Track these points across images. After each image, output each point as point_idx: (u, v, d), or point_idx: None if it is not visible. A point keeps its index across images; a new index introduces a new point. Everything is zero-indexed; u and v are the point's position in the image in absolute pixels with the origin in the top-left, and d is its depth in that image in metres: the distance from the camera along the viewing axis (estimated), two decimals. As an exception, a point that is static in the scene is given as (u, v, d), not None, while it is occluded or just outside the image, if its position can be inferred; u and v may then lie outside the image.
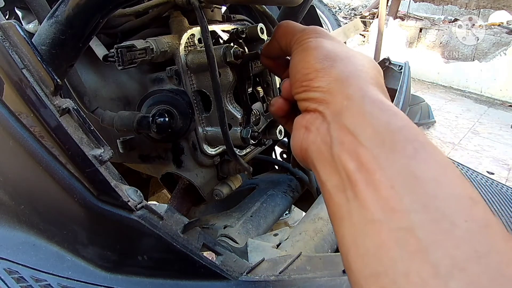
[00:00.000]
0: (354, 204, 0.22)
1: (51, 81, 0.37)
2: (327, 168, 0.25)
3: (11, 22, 0.36)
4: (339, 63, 0.28)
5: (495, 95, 4.10)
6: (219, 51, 0.49)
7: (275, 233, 0.64)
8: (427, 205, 0.20)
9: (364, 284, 0.21)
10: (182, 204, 0.67)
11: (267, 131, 0.62)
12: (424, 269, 0.18)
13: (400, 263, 0.19)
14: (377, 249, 0.20)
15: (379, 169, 0.22)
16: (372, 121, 0.24)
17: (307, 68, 0.29)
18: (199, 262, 0.40)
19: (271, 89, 0.61)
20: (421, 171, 0.21)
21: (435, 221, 0.19)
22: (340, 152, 0.24)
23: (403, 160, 0.22)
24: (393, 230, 0.20)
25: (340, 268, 0.49)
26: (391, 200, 0.21)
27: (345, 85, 0.26)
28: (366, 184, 0.22)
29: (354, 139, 0.24)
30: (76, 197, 0.39)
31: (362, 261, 0.21)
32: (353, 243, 0.22)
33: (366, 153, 0.23)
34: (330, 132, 0.25)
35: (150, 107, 0.54)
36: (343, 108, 0.25)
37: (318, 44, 0.30)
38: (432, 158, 0.22)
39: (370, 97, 0.25)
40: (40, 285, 0.38)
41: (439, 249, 0.19)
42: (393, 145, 0.22)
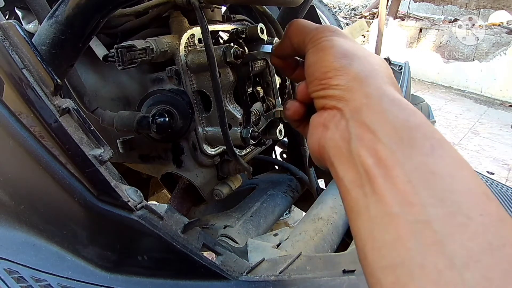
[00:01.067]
0: (372, 198, 0.23)
1: (51, 81, 0.37)
2: (344, 164, 0.26)
3: (11, 22, 0.36)
4: (357, 62, 0.28)
5: (495, 95, 4.11)
6: (219, 51, 0.49)
7: (275, 233, 0.64)
8: (443, 199, 0.21)
9: (381, 275, 0.21)
10: (182, 204, 0.67)
11: (267, 131, 0.62)
12: (440, 261, 0.19)
13: (417, 254, 0.20)
14: (394, 241, 0.21)
15: (397, 164, 0.23)
16: (391, 118, 0.24)
17: (325, 67, 0.29)
18: (199, 262, 0.40)
19: (271, 89, 0.61)
20: (438, 167, 0.22)
21: (451, 215, 0.20)
22: (359, 148, 0.24)
23: (421, 157, 0.22)
24: (410, 223, 0.21)
25: (340, 268, 0.49)
26: (409, 194, 0.21)
27: (364, 84, 0.27)
28: (384, 179, 0.23)
29: (373, 136, 0.24)
30: (76, 197, 0.39)
31: (379, 253, 0.22)
32: (370, 236, 0.23)
33: (385, 149, 0.23)
34: (348, 128, 0.26)
35: (150, 107, 0.54)
36: (363, 105, 0.26)
37: (334, 43, 0.30)
38: (448, 155, 0.23)
39: (388, 95, 0.26)
40: (40, 285, 0.38)
41: (455, 241, 0.19)
42: (411, 142, 0.23)
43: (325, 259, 0.51)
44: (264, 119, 0.61)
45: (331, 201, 0.72)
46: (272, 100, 0.62)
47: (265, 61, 0.58)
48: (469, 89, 4.33)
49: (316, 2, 1.60)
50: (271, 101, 0.62)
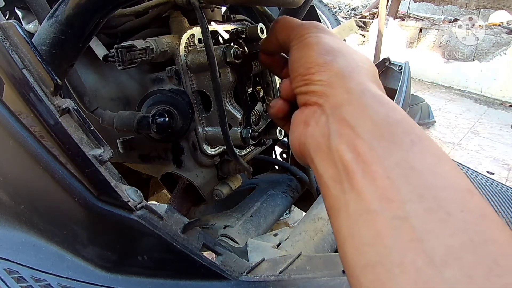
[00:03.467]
0: (351, 195, 0.22)
1: (51, 81, 0.37)
2: (324, 160, 0.25)
3: (11, 22, 0.36)
4: (341, 58, 0.28)
5: (495, 95, 4.10)
6: (219, 51, 0.49)
7: (275, 233, 0.64)
8: (422, 195, 0.20)
9: (360, 275, 0.21)
10: (182, 204, 0.67)
11: (267, 131, 0.62)
12: (419, 258, 0.19)
13: (395, 252, 0.19)
14: (372, 238, 0.21)
15: (376, 160, 0.22)
16: (371, 114, 0.24)
17: (309, 63, 0.29)
18: (199, 262, 0.40)
19: (271, 89, 0.61)
20: (418, 162, 0.21)
21: (430, 211, 0.20)
22: (338, 144, 0.24)
23: (400, 152, 0.22)
24: (389, 220, 0.20)
25: (340, 268, 0.49)
26: (387, 191, 0.21)
27: (346, 80, 0.27)
28: (363, 175, 0.22)
29: (352, 132, 0.24)
30: (76, 197, 0.39)
31: (358, 252, 0.21)
32: (349, 234, 0.22)
33: (364, 145, 0.23)
34: (328, 124, 0.26)
35: (150, 107, 0.54)
36: (343, 101, 0.26)
37: (319, 40, 0.30)
38: (429, 150, 0.22)
39: (369, 91, 0.26)
40: (40, 285, 0.38)
41: (434, 238, 0.19)
42: (390, 137, 0.23)
43: (325, 259, 0.51)
44: (264, 119, 0.61)
45: (331, 201, 0.71)
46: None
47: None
48: (469, 89, 4.33)
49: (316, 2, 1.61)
50: (271, 101, 0.62)
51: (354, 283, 0.21)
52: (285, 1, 0.47)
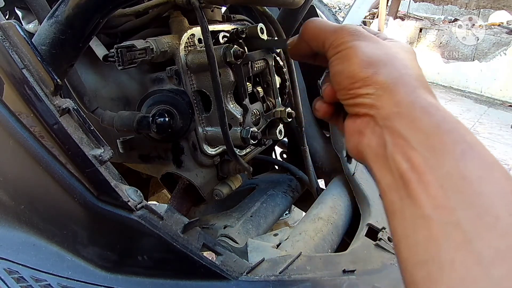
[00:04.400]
0: (407, 201, 0.25)
1: (51, 81, 0.37)
2: (382, 169, 0.27)
3: (11, 22, 0.36)
4: (383, 69, 0.29)
5: (495, 95, 4.10)
6: (219, 51, 0.49)
7: (275, 233, 0.64)
8: (472, 202, 0.22)
9: (413, 271, 0.23)
10: (182, 204, 0.67)
11: (267, 131, 0.62)
12: (468, 258, 0.21)
13: (447, 252, 0.22)
14: (426, 240, 0.23)
15: (429, 170, 0.24)
16: (422, 126, 0.26)
17: (352, 78, 0.30)
18: (199, 262, 0.40)
19: (271, 89, 0.61)
20: (468, 171, 0.23)
21: (479, 216, 0.22)
22: (394, 154, 0.26)
23: (451, 162, 0.24)
24: (442, 224, 0.22)
25: (340, 268, 0.49)
26: (440, 198, 0.23)
27: (394, 92, 0.28)
28: (417, 184, 0.24)
29: (406, 143, 0.26)
30: (76, 197, 0.39)
31: (412, 250, 0.24)
32: (404, 235, 0.25)
33: (418, 156, 0.25)
34: (383, 135, 0.27)
35: (150, 107, 0.54)
36: (394, 114, 0.27)
37: (357, 50, 0.30)
38: (479, 158, 0.24)
39: (419, 102, 0.27)
40: (40, 285, 0.38)
41: (483, 240, 0.21)
42: (442, 147, 0.24)
43: (325, 259, 0.51)
44: (264, 119, 0.61)
45: (331, 201, 0.72)
46: (272, 100, 0.62)
47: (265, 61, 0.58)
48: (469, 89, 4.33)
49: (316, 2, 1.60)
50: (271, 101, 0.62)
51: (407, 278, 0.24)
52: (285, 1, 0.47)
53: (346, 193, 0.76)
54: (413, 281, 0.23)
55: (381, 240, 0.59)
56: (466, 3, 4.80)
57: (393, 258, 0.56)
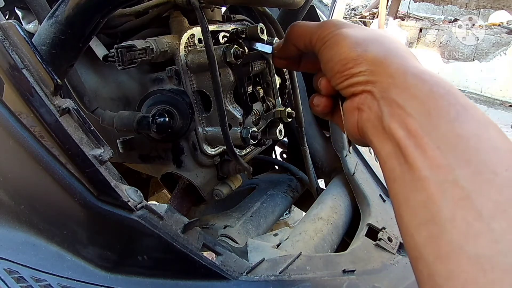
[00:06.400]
0: (405, 166, 0.25)
1: (51, 81, 0.37)
2: (381, 139, 0.28)
3: (11, 22, 0.36)
4: (371, 46, 0.30)
5: (495, 95, 4.10)
6: (219, 51, 0.49)
7: (275, 233, 0.64)
8: (469, 159, 0.23)
9: (414, 232, 0.24)
10: (182, 204, 0.67)
11: (267, 131, 0.62)
12: (468, 214, 0.21)
13: (446, 210, 0.22)
14: (425, 201, 0.23)
15: (425, 134, 0.25)
16: (416, 93, 0.26)
17: (343, 59, 0.31)
18: (199, 262, 0.40)
19: (271, 89, 0.61)
20: (463, 130, 0.24)
21: (477, 173, 0.22)
22: (390, 123, 0.27)
23: (447, 124, 0.24)
24: (439, 183, 0.23)
25: (340, 268, 0.49)
26: (437, 158, 0.24)
27: (385, 65, 0.29)
28: (414, 148, 0.25)
29: (402, 111, 0.26)
30: (76, 197, 0.39)
31: (412, 213, 0.24)
32: (404, 199, 0.25)
33: (413, 122, 0.26)
34: (380, 107, 0.28)
35: (150, 107, 0.54)
36: (389, 85, 0.28)
37: (344, 35, 0.32)
38: (474, 118, 0.25)
39: (410, 71, 0.28)
40: (40, 285, 0.38)
41: (482, 195, 0.21)
42: (437, 111, 0.25)
43: (325, 259, 0.51)
44: (264, 119, 0.61)
45: (331, 201, 0.72)
46: (272, 100, 0.62)
47: (265, 61, 0.58)
48: (469, 89, 4.33)
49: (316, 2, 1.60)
50: (271, 101, 0.62)
51: (409, 241, 0.24)
52: (285, 2, 0.47)
53: (346, 193, 0.76)
54: (416, 243, 0.23)
55: (381, 240, 0.59)
56: (466, 3, 4.80)
57: (393, 258, 0.56)
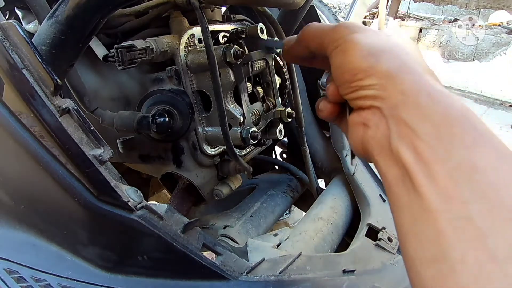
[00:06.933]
0: (414, 194, 0.23)
1: (51, 81, 0.37)
2: (387, 161, 0.26)
3: (11, 22, 0.36)
4: (384, 57, 0.28)
5: (495, 95, 4.10)
6: (219, 51, 0.49)
7: (275, 233, 0.64)
8: (485, 194, 0.20)
9: (421, 270, 0.22)
10: (182, 204, 0.67)
11: (267, 131, 0.62)
12: (481, 255, 0.19)
13: (457, 249, 0.20)
14: (435, 236, 0.21)
15: (437, 160, 0.22)
16: (429, 114, 0.24)
17: (353, 69, 0.28)
18: (199, 262, 0.40)
19: (271, 89, 0.61)
20: (480, 160, 0.21)
21: (493, 210, 0.20)
22: (399, 145, 0.24)
23: (462, 151, 0.22)
24: (452, 219, 0.21)
25: (340, 268, 0.49)
26: (450, 190, 0.21)
27: (398, 81, 0.26)
28: (424, 176, 0.23)
29: (412, 133, 0.24)
30: (76, 197, 0.39)
31: (419, 248, 0.22)
32: (411, 231, 0.23)
33: (425, 146, 0.23)
34: (389, 126, 0.26)
35: (150, 107, 0.54)
36: (399, 102, 0.25)
37: (356, 41, 0.29)
38: (491, 147, 0.22)
39: (425, 89, 0.25)
40: (40, 285, 0.38)
41: (497, 236, 0.19)
42: (451, 136, 0.23)
43: (325, 259, 0.51)
44: (264, 119, 0.61)
45: (331, 201, 0.72)
46: (272, 100, 0.62)
47: (265, 61, 0.58)
48: (469, 89, 4.32)
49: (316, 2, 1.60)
50: (271, 101, 0.62)
51: (415, 278, 0.22)
52: (285, 2, 0.47)
53: (346, 193, 0.76)
54: (421, 280, 0.22)
55: (381, 240, 0.59)
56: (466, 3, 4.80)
57: (393, 258, 0.57)
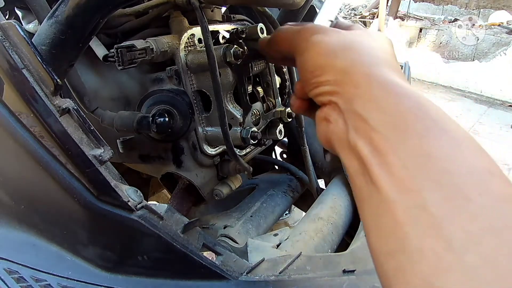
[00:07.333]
0: (372, 187, 0.23)
1: (51, 81, 0.37)
2: (347, 155, 0.26)
3: (11, 22, 0.36)
4: (341, 54, 0.29)
5: (495, 95, 4.10)
6: (219, 51, 0.49)
7: (275, 233, 0.64)
8: (440, 182, 0.20)
9: (384, 262, 0.22)
10: (182, 204, 0.67)
11: (267, 131, 0.62)
12: (438, 244, 0.19)
13: (414, 239, 0.20)
14: (393, 227, 0.21)
15: (391, 151, 0.22)
16: (382, 105, 0.24)
17: (311, 66, 0.30)
18: (199, 262, 0.40)
19: (271, 89, 0.61)
20: (433, 148, 0.21)
21: (448, 198, 0.20)
22: (355, 138, 0.25)
23: (414, 140, 0.22)
24: (407, 209, 0.21)
25: (340, 268, 0.49)
26: (405, 180, 0.21)
27: (351, 74, 0.27)
28: (379, 167, 0.23)
29: (366, 125, 0.24)
30: (76, 197, 0.39)
31: (380, 240, 0.22)
32: (373, 224, 0.23)
33: (379, 137, 0.23)
34: (346, 120, 0.26)
35: (150, 107, 0.54)
36: (353, 96, 0.26)
37: (316, 41, 0.31)
38: (446, 134, 0.22)
39: (377, 81, 0.26)
40: (40, 285, 0.38)
41: (453, 224, 0.19)
42: (403, 126, 0.23)
43: (325, 259, 0.51)
44: (264, 119, 0.61)
45: (331, 201, 0.72)
46: (272, 100, 0.62)
47: (265, 61, 0.58)
48: (469, 89, 4.32)
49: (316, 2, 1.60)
50: (271, 101, 0.62)
51: (379, 271, 0.22)
52: (285, 2, 0.47)
53: (346, 193, 0.76)
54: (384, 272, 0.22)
55: (381, 240, 0.59)
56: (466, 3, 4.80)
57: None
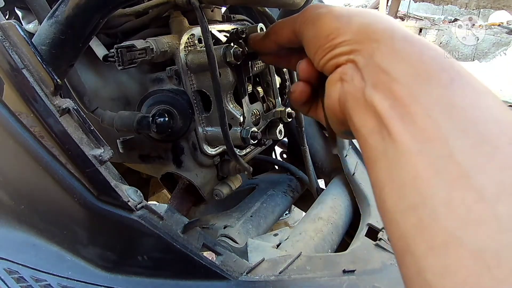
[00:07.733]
0: (389, 140, 0.22)
1: (51, 81, 0.37)
2: (362, 114, 0.24)
3: (11, 22, 0.36)
4: (355, 16, 0.28)
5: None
6: (219, 51, 0.49)
7: (275, 233, 0.64)
8: (467, 130, 0.19)
9: (400, 219, 0.20)
10: (182, 204, 0.67)
11: (267, 131, 0.62)
12: (468, 195, 0.17)
13: (440, 191, 0.18)
14: (413, 181, 0.19)
15: (414, 101, 0.21)
16: (404, 55, 0.23)
17: (326, 31, 0.28)
18: (199, 262, 0.40)
19: (271, 89, 0.61)
20: (459, 98, 0.21)
21: (476, 145, 0.19)
22: (373, 94, 0.23)
23: (439, 90, 0.21)
24: (431, 159, 0.19)
25: (340, 268, 0.49)
26: (428, 129, 0.20)
27: (370, 31, 0.26)
28: (400, 119, 0.21)
29: (388, 77, 0.23)
30: (76, 197, 0.39)
31: (397, 195, 0.20)
32: (388, 179, 0.21)
33: (401, 87, 0.22)
34: (363, 77, 0.25)
35: (150, 107, 0.54)
36: (374, 50, 0.25)
37: (326, 11, 0.29)
38: (470, 85, 0.21)
39: (399, 34, 0.25)
40: (40, 285, 0.38)
41: (483, 173, 0.18)
42: (427, 75, 0.22)
43: (325, 259, 0.51)
44: (264, 119, 0.61)
45: (331, 201, 0.72)
46: (272, 100, 0.62)
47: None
48: (469, 89, 4.32)
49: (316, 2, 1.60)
50: (271, 101, 0.62)
51: (393, 231, 0.20)
52: (285, 2, 0.47)
53: (346, 193, 0.76)
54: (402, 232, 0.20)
55: (381, 240, 0.59)
56: (466, 3, 4.81)
57: (393, 258, 0.56)
